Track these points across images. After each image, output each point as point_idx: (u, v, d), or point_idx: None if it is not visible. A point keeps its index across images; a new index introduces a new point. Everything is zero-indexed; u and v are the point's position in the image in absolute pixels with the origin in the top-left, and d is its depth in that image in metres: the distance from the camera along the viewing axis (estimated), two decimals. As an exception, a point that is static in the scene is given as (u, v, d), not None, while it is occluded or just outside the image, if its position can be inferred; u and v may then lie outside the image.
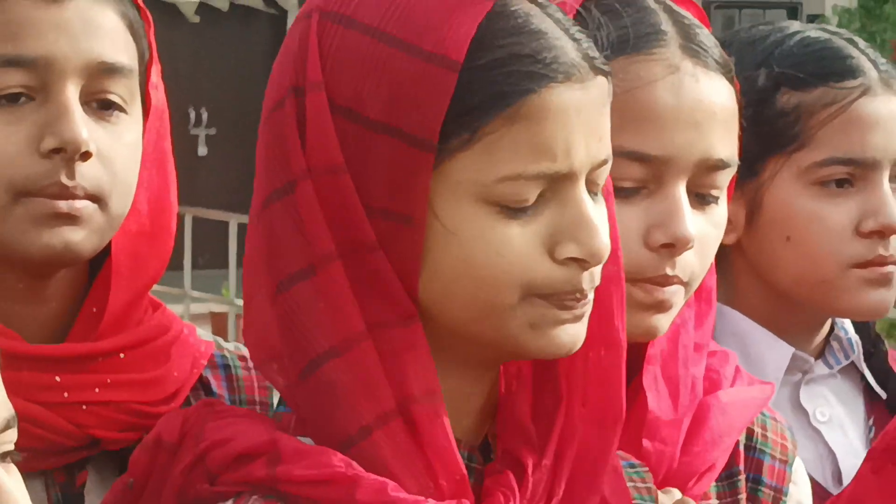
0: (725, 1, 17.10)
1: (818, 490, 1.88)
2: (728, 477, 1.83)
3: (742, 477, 1.84)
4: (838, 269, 2.04)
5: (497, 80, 1.39)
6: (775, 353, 2.08)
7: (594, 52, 1.43)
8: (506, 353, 1.45)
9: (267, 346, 1.46)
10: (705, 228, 1.73)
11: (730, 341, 2.04)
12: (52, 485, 1.71)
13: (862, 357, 2.15)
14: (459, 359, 1.45)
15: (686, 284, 1.73)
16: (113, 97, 1.68)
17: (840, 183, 2.04)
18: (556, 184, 1.40)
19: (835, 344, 2.14)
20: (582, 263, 1.41)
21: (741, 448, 1.84)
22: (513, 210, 1.40)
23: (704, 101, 1.72)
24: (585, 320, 1.44)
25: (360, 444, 1.40)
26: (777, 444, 1.87)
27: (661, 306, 1.71)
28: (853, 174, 2.04)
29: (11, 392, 1.53)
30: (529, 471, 1.46)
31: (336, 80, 1.41)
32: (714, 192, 1.75)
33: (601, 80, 1.43)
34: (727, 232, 2.00)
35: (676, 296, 1.72)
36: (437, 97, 1.38)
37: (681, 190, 1.71)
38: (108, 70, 1.67)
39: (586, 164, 1.41)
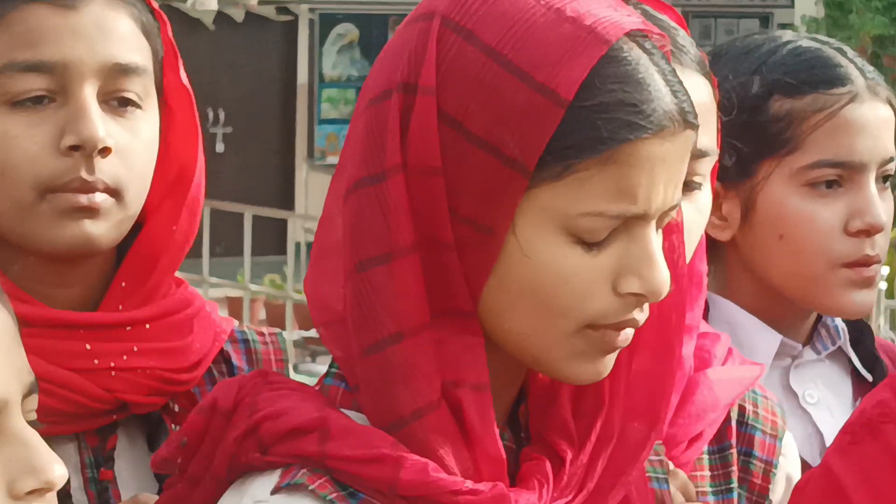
0: (702, 10, 17.19)
1: (807, 467, 1.89)
2: (720, 451, 1.84)
3: (734, 451, 1.85)
4: (826, 267, 2.04)
5: (598, 124, 1.38)
6: (764, 340, 2.08)
7: (689, 107, 1.42)
8: (540, 369, 1.46)
9: (331, 313, 1.46)
10: (690, 214, 1.73)
11: (723, 329, 2.04)
12: (84, 447, 1.71)
13: (849, 342, 2.15)
14: (503, 357, 1.45)
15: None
16: (129, 95, 1.68)
17: (829, 184, 2.03)
18: (630, 223, 1.40)
19: (822, 331, 2.14)
20: (640, 298, 1.41)
21: (733, 424, 1.84)
22: (586, 243, 1.39)
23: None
24: (616, 354, 1.44)
25: (411, 424, 1.40)
26: (768, 420, 1.87)
27: None
28: (842, 176, 2.03)
29: (45, 359, 1.55)
30: (567, 463, 1.46)
31: (447, 89, 1.40)
32: (696, 179, 1.76)
33: (689, 133, 1.42)
34: (723, 229, 2.07)
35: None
36: (540, 128, 1.37)
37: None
38: (123, 70, 1.68)
39: (661, 209, 1.41)
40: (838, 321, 2.14)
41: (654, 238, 1.41)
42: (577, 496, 1.45)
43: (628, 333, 1.43)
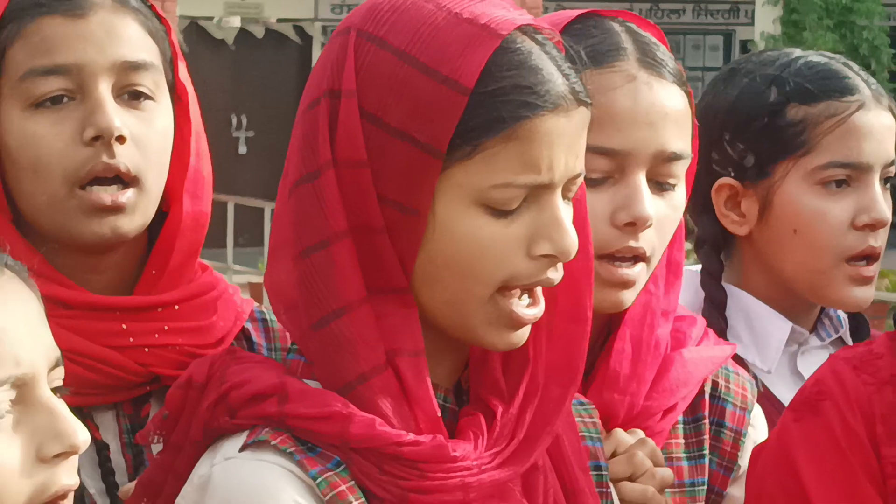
0: (672, 28, 17.18)
1: None
2: (694, 421, 1.83)
3: (706, 421, 1.84)
4: (834, 261, 2.03)
5: (498, 106, 1.41)
6: (776, 327, 2.07)
7: (579, 87, 1.45)
8: (466, 338, 1.47)
9: (286, 299, 1.47)
10: (664, 210, 1.74)
11: (739, 317, 2.06)
12: (121, 415, 1.72)
13: (848, 332, 2.14)
14: (441, 329, 1.47)
15: (648, 259, 1.73)
16: (141, 88, 1.68)
17: (839, 183, 2.03)
18: (538, 192, 1.42)
19: (826, 320, 2.13)
20: (553, 259, 1.43)
21: (706, 397, 1.84)
22: (499, 212, 1.42)
23: (657, 105, 1.73)
24: (529, 327, 1.46)
25: (358, 388, 1.42)
26: (738, 394, 1.87)
27: (626, 284, 1.72)
28: (850, 176, 2.02)
29: (86, 338, 1.56)
30: (498, 416, 1.47)
31: (366, 90, 1.42)
32: (671, 181, 1.75)
33: (582, 109, 1.44)
34: (741, 224, 2.06)
35: (640, 274, 1.73)
36: (448, 115, 1.40)
37: (640, 178, 1.72)
38: (133, 66, 1.67)
39: (564, 177, 1.43)
40: (840, 312, 2.14)
41: (561, 205, 1.43)
42: (508, 444, 1.46)
43: (537, 310, 1.44)
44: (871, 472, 1.60)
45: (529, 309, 1.43)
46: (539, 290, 1.44)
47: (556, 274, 1.43)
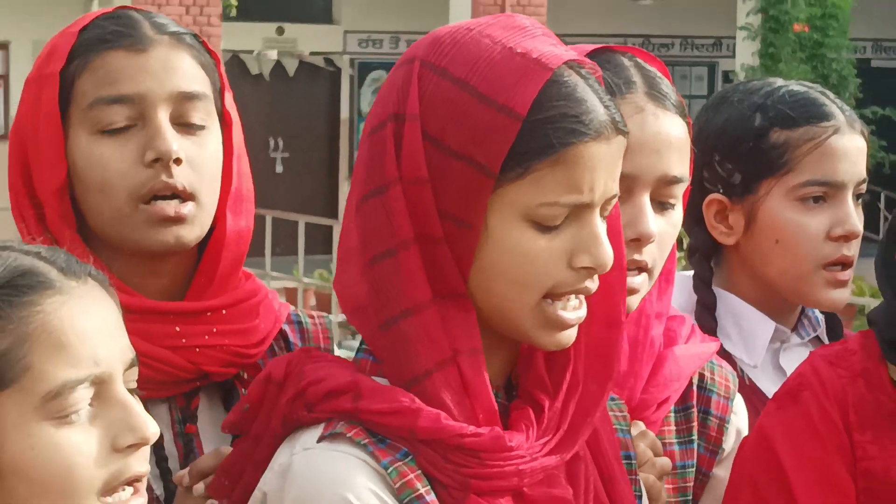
0: (661, 59, 17.14)
1: None
2: (684, 410, 1.83)
3: (694, 409, 1.84)
4: (812, 267, 2.02)
5: (548, 133, 1.40)
6: (761, 326, 2.06)
7: (619, 117, 1.44)
8: (518, 338, 1.47)
9: (354, 301, 1.47)
10: (665, 227, 1.74)
11: (728, 317, 2.06)
12: (174, 408, 1.71)
13: (825, 330, 2.14)
14: (495, 331, 1.46)
15: (650, 270, 1.74)
16: (194, 117, 1.68)
17: (816, 199, 2.02)
18: (579, 210, 1.41)
19: (805, 320, 2.13)
20: (591, 271, 1.42)
21: (694, 388, 1.84)
22: (545, 228, 1.41)
23: (662, 134, 1.72)
24: (576, 328, 1.45)
25: (423, 382, 1.41)
26: (722, 385, 1.86)
27: (631, 291, 1.70)
28: (826, 193, 2.02)
29: (144, 339, 1.54)
30: (546, 409, 1.46)
31: (429, 115, 1.41)
32: (671, 201, 1.75)
33: (621, 137, 1.44)
34: (729, 235, 2.06)
35: (643, 284, 1.73)
36: (502, 140, 1.39)
37: (645, 199, 1.72)
38: (187, 97, 1.67)
39: (602, 197, 1.42)
40: (818, 313, 2.14)
41: (599, 222, 1.42)
42: (555, 435, 1.45)
43: (581, 312, 1.43)
44: (844, 455, 1.59)
45: (573, 312, 1.43)
46: (582, 296, 1.43)
47: (593, 284, 1.43)
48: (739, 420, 1.85)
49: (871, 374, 1.62)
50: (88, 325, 1.30)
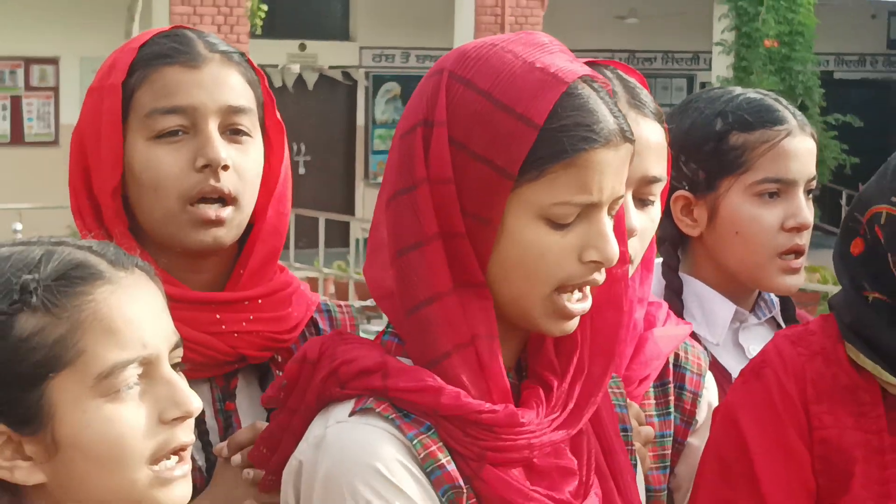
0: (645, 72, 17.08)
1: None
2: (662, 386, 1.83)
3: (671, 385, 1.84)
4: (768, 256, 2.03)
5: (562, 140, 1.39)
6: (723, 308, 2.06)
7: (626, 127, 1.44)
8: (529, 326, 1.46)
9: (382, 289, 1.46)
10: (645, 222, 1.74)
11: (693, 300, 2.06)
12: (214, 387, 1.71)
13: (779, 311, 2.14)
14: (506, 318, 1.45)
15: (632, 261, 1.71)
16: (241, 127, 1.68)
17: (771, 195, 2.02)
18: (589, 210, 1.41)
19: (762, 303, 2.13)
20: (598, 265, 1.42)
21: (671, 366, 1.84)
22: (557, 225, 1.40)
23: (642, 138, 1.69)
24: (578, 318, 1.45)
25: (443, 363, 1.41)
26: (695, 363, 1.86)
27: None
28: (780, 189, 2.02)
29: (188, 326, 1.55)
30: (555, 389, 1.46)
31: (455, 121, 1.40)
32: (651, 198, 1.75)
33: (628, 145, 1.43)
34: (694, 228, 2.07)
35: (626, 272, 1.70)
36: (521, 145, 1.38)
37: (628, 197, 1.71)
38: (235, 110, 1.67)
39: (610, 198, 1.42)
40: (773, 296, 2.14)
41: (607, 221, 1.41)
42: (562, 413, 1.45)
43: (586, 304, 1.43)
44: (798, 427, 1.58)
45: (579, 304, 1.43)
46: (588, 288, 1.42)
47: (600, 276, 1.42)
48: (710, 394, 1.86)
49: (829, 352, 1.61)
50: (136, 312, 1.30)
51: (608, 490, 1.50)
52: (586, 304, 1.44)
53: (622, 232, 1.48)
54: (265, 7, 12.13)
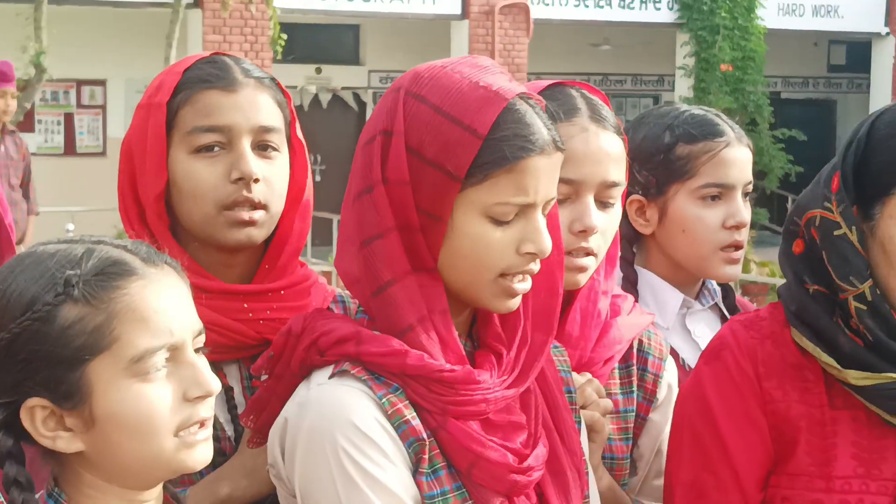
0: (615, 93, 17.08)
1: (688, 374, 1.89)
2: (626, 367, 1.84)
3: (634, 367, 1.84)
4: (711, 250, 2.04)
5: (503, 148, 1.40)
6: (672, 297, 2.07)
7: (558, 138, 1.45)
8: (477, 305, 1.48)
9: (351, 275, 1.47)
10: (607, 221, 1.74)
11: (646, 289, 2.07)
12: (242, 367, 1.71)
13: (721, 299, 2.15)
14: (455, 298, 1.46)
15: (595, 255, 1.74)
16: (270, 144, 1.69)
17: (713, 198, 2.04)
18: (525, 209, 1.42)
19: (705, 291, 2.13)
20: (534, 256, 1.43)
21: (634, 351, 1.84)
22: (498, 222, 1.41)
23: (602, 148, 1.72)
24: (520, 297, 1.46)
25: (407, 335, 1.42)
26: (657, 349, 1.87)
27: (581, 270, 1.72)
28: (721, 192, 2.03)
29: (220, 314, 1.59)
30: (503, 357, 1.47)
31: (410, 132, 1.41)
32: (611, 201, 1.75)
33: (559, 154, 1.45)
34: (647, 227, 2.08)
35: (590, 264, 1.74)
36: (468, 153, 1.39)
37: (590, 199, 1.72)
38: (266, 129, 1.67)
39: (544, 199, 1.43)
40: (715, 285, 2.14)
41: (541, 218, 1.43)
42: (510, 375, 1.46)
43: (526, 285, 1.44)
44: (756, 399, 1.59)
45: (520, 284, 1.43)
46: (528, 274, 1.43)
47: (536, 266, 1.43)
48: (670, 376, 1.86)
49: (777, 335, 1.61)
50: (164, 303, 1.30)
51: (553, 441, 1.50)
52: (527, 285, 1.45)
53: (555, 228, 1.49)
54: (285, 36, 12.12)
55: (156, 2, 12.68)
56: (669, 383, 1.85)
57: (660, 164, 2.03)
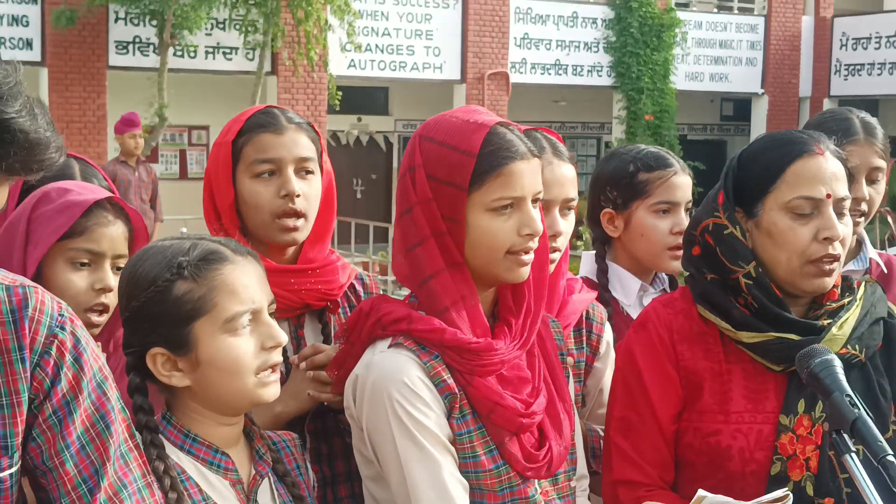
0: (570, 136, 17.07)
1: None
2: (578, 330, 1.82)
3: (584, 329, 1.83)
4: (662, 250, 2.01)
5: (491, 160, 1.38)
6: (633, 283, 2.04)
7: (533, 147, 1.43)
8: (496, 280, 1.44)
9: (403, 273, 1.44)
10: (566, 226, 1.73)
11: (615, 278, 2.04)
12: (291, 324, 1.69)
13: (668, 285, 2.11)
14: (482, 281, 1.44)
15: (560, 250, 1.73)
16: (307, 169, 1.67)
17: (664, 212, 2.02)
18: (518, 201, 1.39)
19: (657, 279, 2.10)
20: (531, 236, 1.40)
21: (584, 318, 1.83)
22: (500, 213, 1.39)
23: (562, 175, 1.71)
24: (529, 267, 1.43)
25: (444, 314, 1.39)
26: (598, 316, 1.85)
27: (552, 261, 1.70)
28: (669, 208, 2.02)
29: (275, 286, 1.56)
30: (514, 326, 1.45)
31: (426, 164, 1.40)
32: (568, 211, 1.74)
33: (536, 159, 1.42)
34: (614, 232, 2.04)
35: (556, 256, 1.72)
36: (467, 169, 1.38)
37: (556, 212, 1.71)
38: (304, 159, 1.66)
39: (530, 193, 1.40)
40: (663, 275, 2.11)
41: (531, 208, 1.39)
42: (520, 339, 1.43)
43: (529, 257, 1.41)
44: (671, 359, 1.56)
45: (525, 257, 1.39)
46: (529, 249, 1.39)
47: (534, 243, 1.39)
48: (608, 336, 1.84)
49: (687, 311, 1.60)
50: (247, 280, 1.30)
51: (551, 392, 1.48)
52: (530, 257, 1.42)
53: (542, 217, 1.45)
54: (340, 93, 12.16)
55: (244, 71, 12.69)
56: (608, 341, 1.83)
57: (625, 186, 2.01)
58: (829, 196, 1.46)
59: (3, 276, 1.09)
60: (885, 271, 2.14)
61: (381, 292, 1.77)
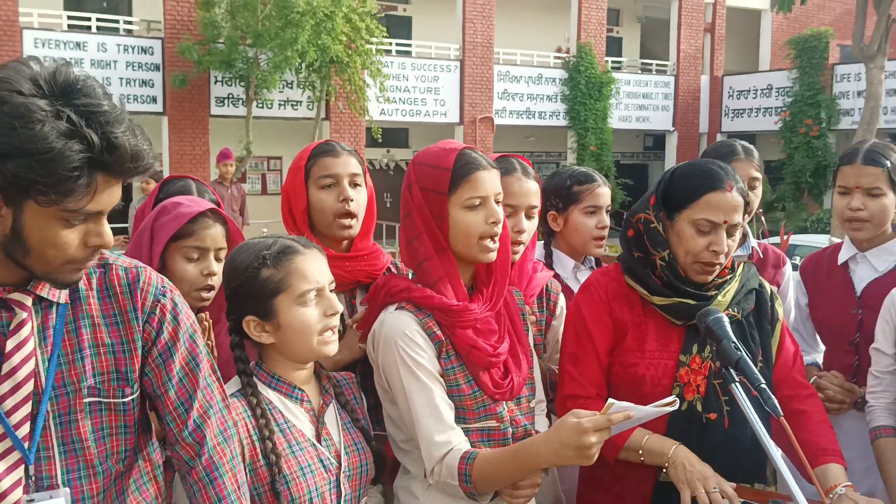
0: (535, 161, 16.89)
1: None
2: (540, 299, 1.80)
3: (545, 299, 1.80)
4: (589, 239, 1.99)
5: (463, 170, 1.36)
6: (570, 263, 2.02)
7: (493, 163, 1.40)
8: (474, 260, 1.41)
9: (406, 259, 1.42)
10: (530, 226, 1.71)
11: (557, 260, 2.01)
12: (346, 296, 1.67)
13: (594, 264, 2.08)
14: (462, 262, 1.41)
15: (524, 243, 1.70)
16: (357, 182, 1.65)
17: (591, 213, 1.99)
18: (484, 200, 1.37)
19: (586, 260, 2.06)
20: (496, 224, 1.38)
21: (545, 290, 1.80)
22: (471, 209, 1.37)
23: (529, 188, 1.68)
24: (496, 252, 1.40)
25: (436, 285, 1.38)
26: (555, 289, 1.82)
27: (516, 252, 1.69)
28: (595, 210, 2.00)
29: (335, 269, 1.54)
30: (485, 293, 1.43)
31: (419, 180, 1.37)
32: (532, 215, 1.72)
33: (495, 171, 1.39)
34: (557, 226, 2.00)
35: (520, 249, 1.70)
36: (445, 180, 1.35)
37: (522, 216, 1.68)
38: (355, 174, 1.65)
39: (492, 193, 1.38)
40: (591, 257, 2.08)
41: (495, 206, 1.36)
42: (489, 303, 1.41)
43: (495, 245, 1.37)
44: (607, 311, 1.55)
45: (492, 243, 1.36)
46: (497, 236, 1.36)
47: (499, 229, 1.35)
48: (562, 303, 1.81)
49: (618, 280, 1.59)
50: (314, 267, 1.30)
51: (513, 340, 1.47)
52: (496, 244, 1.39)
53: (503, 214, 1.41)
54: (380, 130, 12.13)
55: (306, 117, 12.65)
56: (562, 306, 1.82)
57: (564, 195, 2.00)
58: (725, 222, 1.47)
59: (127, 262, 1.11)
60: (762, 256, 2.14)
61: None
